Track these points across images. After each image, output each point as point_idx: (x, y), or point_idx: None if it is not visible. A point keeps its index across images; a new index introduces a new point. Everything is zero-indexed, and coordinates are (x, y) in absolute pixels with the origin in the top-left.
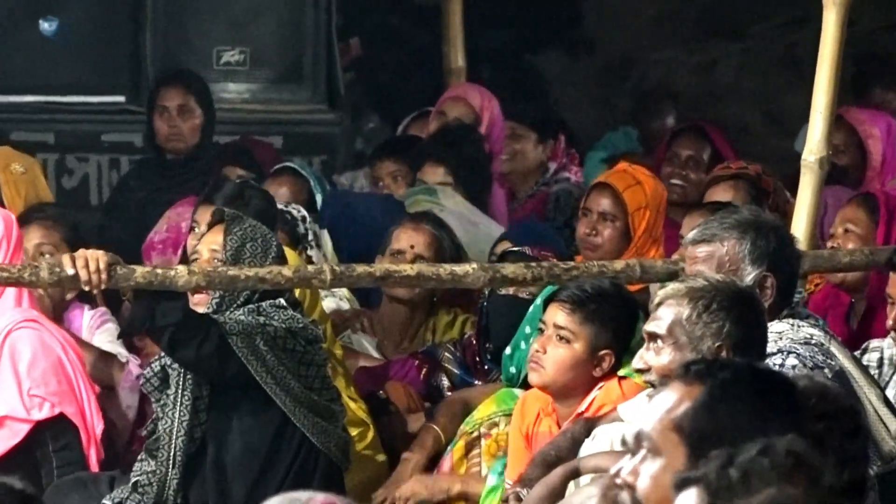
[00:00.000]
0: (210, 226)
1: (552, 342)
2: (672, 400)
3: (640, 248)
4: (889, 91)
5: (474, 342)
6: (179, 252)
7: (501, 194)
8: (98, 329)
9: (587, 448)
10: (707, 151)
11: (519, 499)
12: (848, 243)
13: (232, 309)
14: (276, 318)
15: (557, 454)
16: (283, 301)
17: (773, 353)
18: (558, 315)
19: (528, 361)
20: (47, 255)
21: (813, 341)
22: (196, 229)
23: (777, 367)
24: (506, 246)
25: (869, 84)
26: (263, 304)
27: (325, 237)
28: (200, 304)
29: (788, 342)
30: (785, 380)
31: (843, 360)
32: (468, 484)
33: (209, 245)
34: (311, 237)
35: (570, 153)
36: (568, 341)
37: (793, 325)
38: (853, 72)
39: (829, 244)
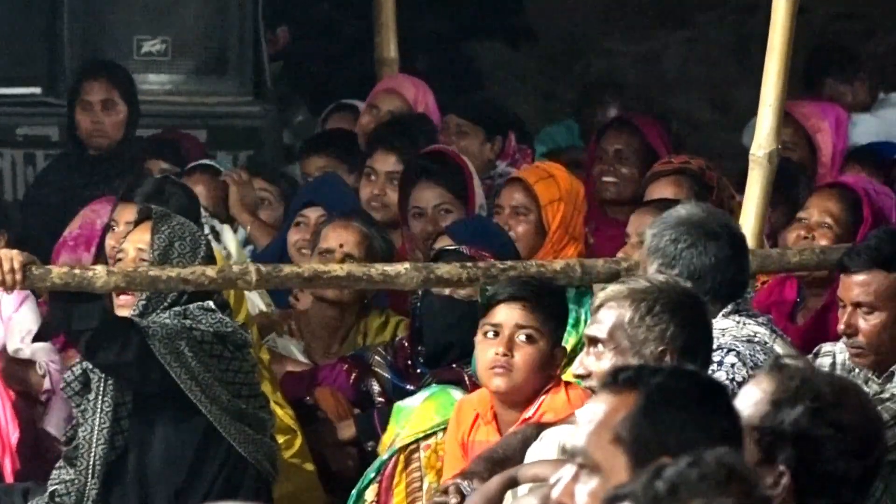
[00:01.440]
0: (136, 223)
1: (517, 343)
2: (604, 411)
3: (556, 244)
4: (842, 83)
5: (406, 345)
6: (93, 250)
7: None
8: (15, 313)
9: (534, 450)
10: (636, 144)
11: (459, 491)
12: (822, 239)
13: (157, 312)
14: (203, 321)
15: (505, 452)
16: (211, 304)
17: (713, 350)
18: (516, 314)
19: (485, 369)
20: None
21: (756, 339)
22: (115, 229)
23: (715, 364)
24: (446, 241)
25: (821, 75)
26: (191, 306)
27: (227, 233)
28: (126, 306)
29: (730, 339)
30: (715, 381)
31: None
32: None
33: (135, 244)
34: (207, 231)
35: (523, 150)
36: (535, 340)
37: (738, 322)
38: (805, 62)
39: (794, 231)
